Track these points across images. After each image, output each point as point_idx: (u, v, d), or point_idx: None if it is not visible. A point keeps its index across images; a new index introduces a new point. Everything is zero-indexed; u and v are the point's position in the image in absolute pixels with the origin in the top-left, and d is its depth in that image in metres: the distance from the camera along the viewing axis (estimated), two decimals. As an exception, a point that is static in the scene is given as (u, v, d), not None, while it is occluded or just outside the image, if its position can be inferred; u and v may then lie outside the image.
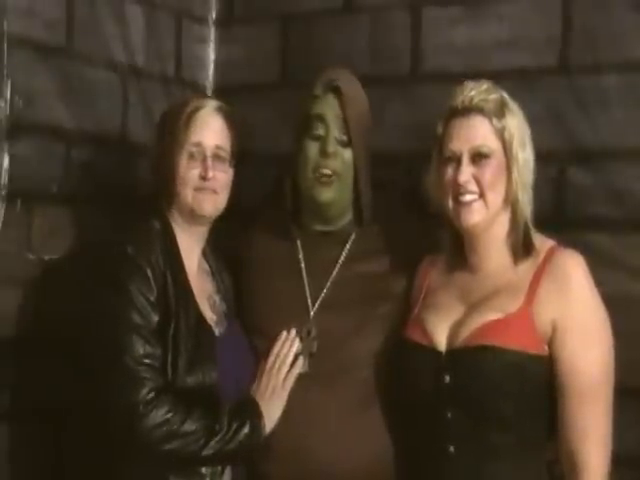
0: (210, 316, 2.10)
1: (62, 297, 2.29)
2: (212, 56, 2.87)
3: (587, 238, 2.24)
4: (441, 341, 1.96)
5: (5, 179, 2.19)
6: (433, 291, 2.09)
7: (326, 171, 2.17)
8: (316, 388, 2.12)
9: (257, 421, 2.04)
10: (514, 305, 1.91)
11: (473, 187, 1.94)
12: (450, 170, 1.96)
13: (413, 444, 2.03)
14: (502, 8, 2.44)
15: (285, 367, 2.13)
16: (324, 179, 2.17)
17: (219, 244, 2.25)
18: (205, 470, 2.00)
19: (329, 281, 2.21)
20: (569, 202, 2.35)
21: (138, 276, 1.97)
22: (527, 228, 1.96)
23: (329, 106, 2.18)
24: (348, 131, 2.17)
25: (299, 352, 2.16)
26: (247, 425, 2.01)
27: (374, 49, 2.63)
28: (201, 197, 2.07)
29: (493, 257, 1.99)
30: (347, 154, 2.19)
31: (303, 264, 2.24)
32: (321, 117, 2.17)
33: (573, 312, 1.87)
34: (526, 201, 1.96)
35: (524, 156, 1.95)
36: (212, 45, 2.87)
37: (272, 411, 2.08)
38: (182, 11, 2.78)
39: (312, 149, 2.18)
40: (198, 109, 2.08)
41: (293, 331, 2.17)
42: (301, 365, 2.15)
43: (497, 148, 1.95)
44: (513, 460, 1.90)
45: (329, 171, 2.17)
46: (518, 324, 1.89)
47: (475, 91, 1.96)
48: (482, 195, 1.94)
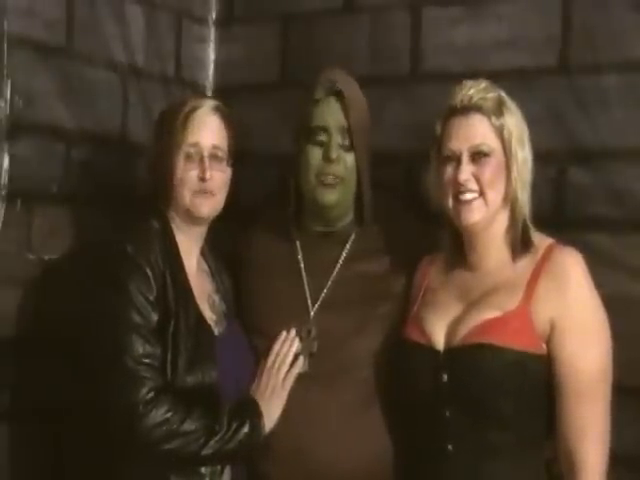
0: (210, 316, 2.09)
1: (62, 297, 2.29)
2: (212, 56, 2.87)
3: (587, 238, 2.23)
4: (439, 340, 1.96)
5: (5, 179, 2.19)
6: (432, 290, 2.09)
7: (330, 177, 2.16)
8: (316, 388, 2.12)
9: (257, 421, 2.04)
10: (512, 303, 1.91)
11: (473, 185, 1.94)
12: (450, 169, 1.96)
13: (412, 443, 2.03)
14: (502, 8, 2.44)
15: (285, 367, 2.13)
16: (328, 183, 2.17)
17: (219, 244, 2.25)
18: (205, 470, 2.00)
19: (329, 281, 2.22)
20: (569, 202, 2.34)
21: (138, 275, 1.97)
22: (526, 226, 1.97)
23: (331, 112, 2.17)
24: (350, 135, 2.17)
25: (299, 352, 2.16)
26: (247, 425, 2.00)
27: (374, 49, 2.63)
28: (198, 201, 2.07)
29: (492, 255, 1.99)
30: (350, 158, 2.18)
31: (303, 264, 2.24)
32: (324, 127, 2.16)
33: (572, 311, 1.87)
34: (525, 199, 1.96)
35: (523, 154, 1.96)
36: (212, 45, 2.87)
37: (272, 411, 2.08)
38: (182, 11, 2.78)
39: (315, 154, 2.17)
40: (195, 109, 2.08)
41: (293, 331, 2.17)
42: (301, 365, 2.15)
43: (496, 146, 1.95)
44: (511, 459, 1.90)
45: (333, 177, 2.17)
46: (516, 322, 1.89)
47: (473, 90, 1.96)
48: (482, 193, 1.94)
